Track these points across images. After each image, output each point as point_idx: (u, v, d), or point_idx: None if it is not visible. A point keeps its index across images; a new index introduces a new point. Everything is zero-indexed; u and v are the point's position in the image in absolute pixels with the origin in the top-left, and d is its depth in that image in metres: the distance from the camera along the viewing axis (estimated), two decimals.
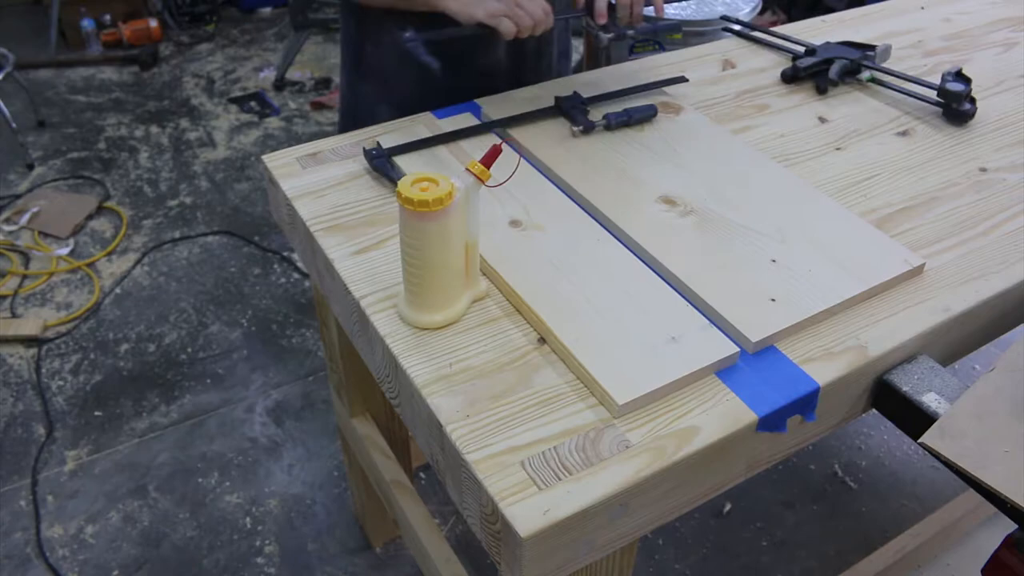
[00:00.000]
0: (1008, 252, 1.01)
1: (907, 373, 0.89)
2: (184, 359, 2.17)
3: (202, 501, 1.80)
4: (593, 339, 0.84)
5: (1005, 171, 1.16)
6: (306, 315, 2.31)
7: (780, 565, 1.69)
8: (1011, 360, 0.88)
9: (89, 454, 1.91)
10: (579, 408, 0.79)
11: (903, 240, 1.02)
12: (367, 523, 1.68)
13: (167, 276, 2.46)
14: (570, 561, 0.74)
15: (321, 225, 1.03)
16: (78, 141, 3.11)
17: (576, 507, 0.70)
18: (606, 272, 0.93)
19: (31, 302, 2.35)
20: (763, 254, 0.96)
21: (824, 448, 1.92)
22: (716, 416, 0.79)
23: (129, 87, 3.51)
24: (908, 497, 1.82)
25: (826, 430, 0.91)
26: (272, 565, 1.68)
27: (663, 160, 1.12)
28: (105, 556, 1.69)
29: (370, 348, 0.94)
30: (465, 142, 1.16)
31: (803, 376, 0.83)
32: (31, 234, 2.60)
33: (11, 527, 1.75)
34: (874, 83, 1.33)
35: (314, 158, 1.15)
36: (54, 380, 2.11)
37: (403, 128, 1.20)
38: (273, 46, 3.88)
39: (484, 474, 0.73)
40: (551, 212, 1.02)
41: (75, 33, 3.76)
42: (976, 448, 0.79)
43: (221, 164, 2.99)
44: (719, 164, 1.12)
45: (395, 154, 1.12)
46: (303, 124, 3.26)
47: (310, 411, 2.02)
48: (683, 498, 0.80)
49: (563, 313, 0.87)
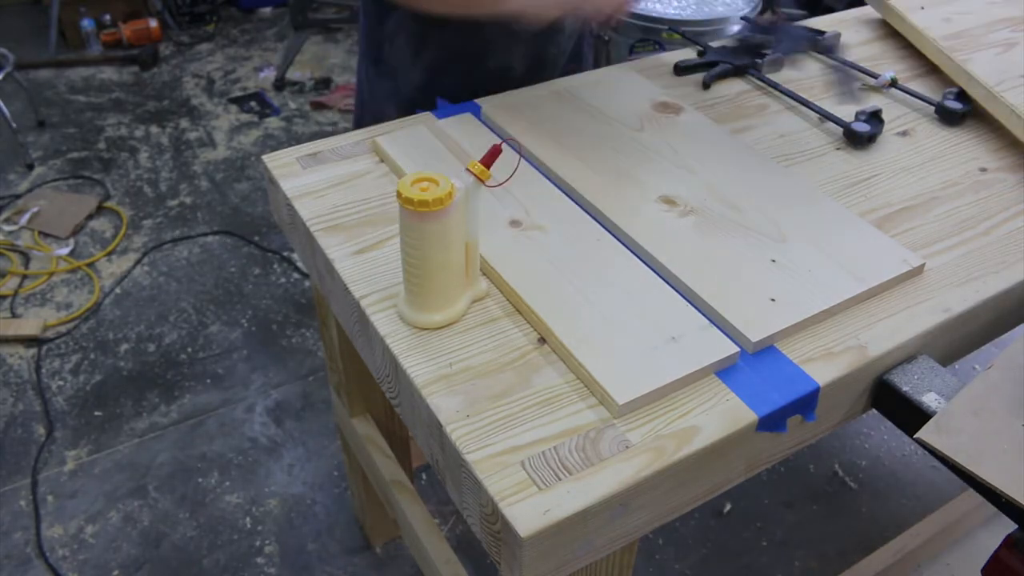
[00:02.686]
0: (1008, 252, 1.01)
1: (907, 373, 0.89)
2: (184, 359, 2.17)
3: (202, 501, 1.81)
4: (593, 339, 0.84)
5: (1005, 171, 1.16)
6: (306, 315, 2.31)
7: (780, 565, 1.69)
8: (1009, 358, 0.88)
9: (89, 454, 1.91)
10: (579, 408, 0.79)
11: (903, 240, 1.02)
12: (367, 523, 1.68)
13: (167, 276, 2.46)
14: (570, 561, 0.74)
15: (321, 225, 1.03)
16: (78, 141, 3.11)
17: (576, 507, 0.70)
18: (606, 272, 0.93)
19: (31, 302, 2.35)
20: (763, 254, 0.96)
21: (824, 448, 1.92)
22: (716, 416, 0.79)
23: (129, 87, 3.51)
24: (908, 497, 1.82)
25: (826, 430, 0.91)
26: (272, 565, 1.68)
27: (663, 160, 1.12)
28: (105, 556, 1.69)
29: (370, 348, 0.94)
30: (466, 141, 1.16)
31: (803, 376, 0.83)
32: (31, 234, 2.60)
33: (11, 527, 1.75)
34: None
35: (314, 158, 1.15)
36: (54, 380, 2.11)
37: (405, 127, 1.20)
38: (273, 46, 3.88)
39: (484, 474, 0.73)
40: (551, 212, 1.02)
41: (75, 33, 3.76)
42: (972, 444, 0.79)
43: (221, 164, 2.99)
44: (719, 164, 1.12)
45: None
46: (303, 124, 3.26)
47: (310, 411, 2.02)
48: (683, 498, 0.80)
49: (563, 313, 0.87)
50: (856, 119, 1.21)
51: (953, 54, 1.36)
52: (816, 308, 0.89)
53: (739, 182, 1.09)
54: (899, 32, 1.50)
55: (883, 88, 1.33)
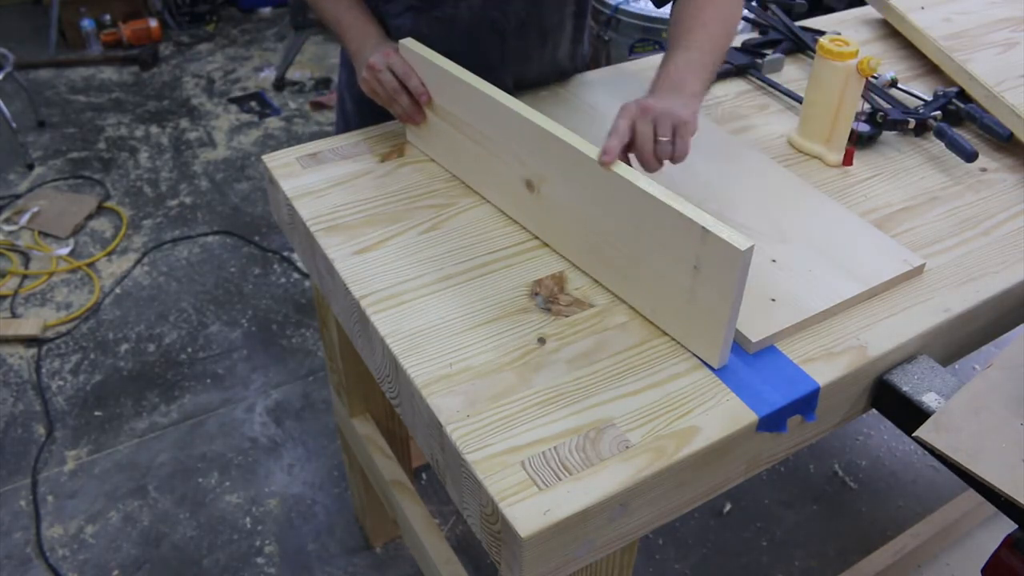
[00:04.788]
0: (1008, 252, 1.01)
1: (907, 373, 0.89)
2: (184, 359, 2.17)
3: (202, 501, 1.80)
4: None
5: (1005, 171, 1.16)
6: (306, 315, 2.31)
7: (780, 565, 1.69)
8: (1009, 358, 0.88)
9: (89, 454, 1.91)
10: (580, 407, 0.79)
11: (903, 240, 1.02)
12: (367, 523, 1.68)
13: (167, 276, 2.46)
14: (570, 561, 0.74)
15: (321, 225, 1.03)
16: (78, 141, 3.11)
17: (576, 507, 0.70)
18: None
19: (31, 302, 2.35)
20: (763, 254, 0.96)
21: (824, 448, 1.92)
22: (716, 416, 0.79)
23: (129, 87, 3.51)
24: (908, 497, 1.82)
25: (826, 430, 0.91)
26: (272, 565, 1.68)
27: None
28: (105, 556, 1.69)
29: (370, 348, 0.94)
30: None
31: (803, 376, 0.83)
32: (31, 234, 2.60)
33: (11, 527, 1.75)
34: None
35: (314, 158, 1.15)
36: (54, 380, 2.11)
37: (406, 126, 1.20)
38: (273, 46, 3.88)
39: (484, 474, 0.73)
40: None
41: (75, 33, 3.76)
42: (971, 442, 0.79)
43: (221, 164, 2.99)
44: (719, 164, 1.12)
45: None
46: (303, 124, 3.26)
47: (310, 411, 2.02)
48: (683, 498, 0.80)
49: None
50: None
51: (953, 54, 1.36)
52: (816, 308, 0.89)
53: (739, 182, 1.09)
54: (899, 32, 1.51)
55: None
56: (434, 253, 0.99)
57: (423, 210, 1.06)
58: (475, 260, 0.98)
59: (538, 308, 0.91)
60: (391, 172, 1.13)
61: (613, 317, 0.90)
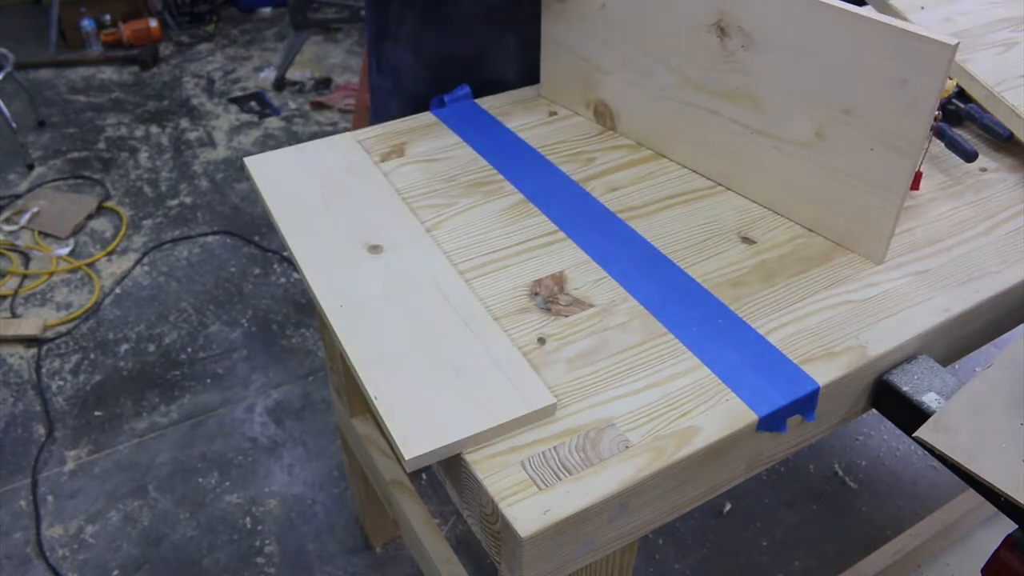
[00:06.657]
0: (1008, 252, 1.01)
1: (907, 373, 0.89)
2: (184, 359, 2.17)
3: (202, 501, 1.81)
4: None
5: (1005, 171, 1.16)
6: (306, 315, 2.31)
7: (780, 565, 1.69)
8: (1009, 358, 0.88)
9: (89, 454, 1.91)
10: (580, 407, 0.79)
11: (903, 240, 1.01)
12: (367, 523, 1.68)
13: (167, 276, 2.46)
14: (570, 561, 0.74)
15: None
16: (78, 141, 3.11)
17: (576, 507, 0.70)
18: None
19: (31, 302, 2.35)
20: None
21: (824, 448, 1.92)
22: (716, 416, 0.79)
23: (129, 87, 3.51)
24: (908, 497, 1.82)
25: (826, 430, 0.91)
26: (272, 565, 1.68)
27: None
28: (105, 556, 1.69)
29: None
30: None
31: (803, 376, 0.83)
32: (31, 234, 2.60)
33: (11, 527, 1.75)
34: None
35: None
36: (54, 380, 2.11)
37: (406, 126, 1.20)
38: (273, 46, 3.88)
39: (484, 474, 0.73)
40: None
41: (75, 33, 3.76)
42: (970, 442, 0.79)
43: (221, 164, 2.99)
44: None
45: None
46: (303, 124, 3.26)
47: (310, 411, 2.02)
48: (683, 498, 0.80)
49: None
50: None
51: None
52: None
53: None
54: None
55: None
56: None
57: (423, 210, 1.06)
58: (475, 260, 0.98)
59: (538, 308, 0.91)
60: (391, 172, 1.13)
61: (613, 317, 0.90)
